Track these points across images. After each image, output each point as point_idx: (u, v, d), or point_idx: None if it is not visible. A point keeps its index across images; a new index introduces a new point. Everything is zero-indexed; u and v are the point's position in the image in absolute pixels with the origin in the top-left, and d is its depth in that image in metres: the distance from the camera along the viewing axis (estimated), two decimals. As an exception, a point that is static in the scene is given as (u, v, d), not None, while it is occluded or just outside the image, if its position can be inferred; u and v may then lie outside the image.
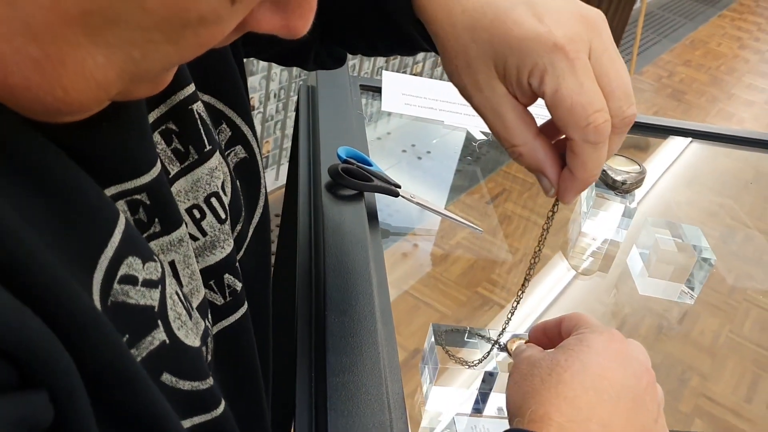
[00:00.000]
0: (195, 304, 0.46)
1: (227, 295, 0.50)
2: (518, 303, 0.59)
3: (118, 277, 0.36)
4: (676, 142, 1.31)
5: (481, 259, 1.48)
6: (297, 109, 0.98)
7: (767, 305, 1.23)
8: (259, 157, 0.57)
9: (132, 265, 0.37)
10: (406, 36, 0.58)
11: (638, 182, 0.94)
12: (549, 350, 0.53)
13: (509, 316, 0.60)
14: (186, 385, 0.41)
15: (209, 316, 0.48)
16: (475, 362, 0.63)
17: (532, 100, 0.48)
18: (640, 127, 1.25)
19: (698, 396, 1.02)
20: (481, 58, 0.48)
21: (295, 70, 2.37)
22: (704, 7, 5.80)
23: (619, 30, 3.61)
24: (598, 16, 0.47)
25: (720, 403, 1.16)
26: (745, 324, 1.23)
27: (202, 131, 0.48)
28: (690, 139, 1.31)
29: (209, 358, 0.47)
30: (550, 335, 0.57)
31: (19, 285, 0.29)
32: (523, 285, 0.58)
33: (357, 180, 0.77)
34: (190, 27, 0.31)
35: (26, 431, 0.29)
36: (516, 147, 0.49)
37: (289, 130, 2.50)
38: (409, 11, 0.53)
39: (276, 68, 2.28)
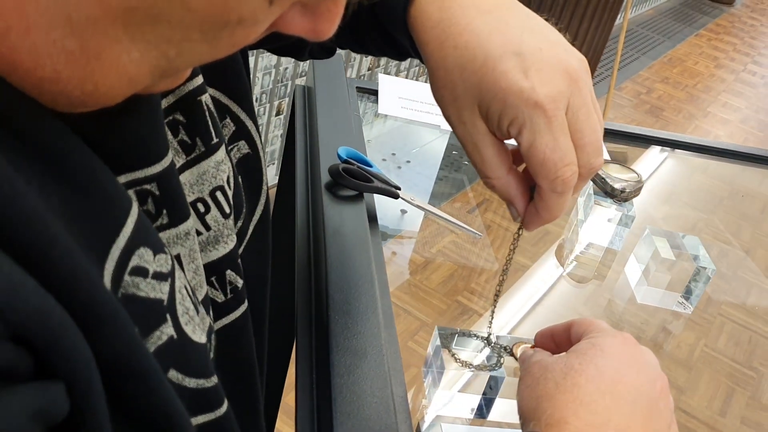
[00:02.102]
0: (198, 300, 0.44)
1: (228, 291, 0.49)
2: (493, 314, 0.62)
3: (129, 268, 0.35)
4: (654, 154, 1.32)
5: (461, 268, 1.48)
6: (292, 110, 0.97)
7: (741, 320, 1.25)
8: (261, 154, 0.56)
9: (143, 257, 0.36)
10: (397, 44, 0.59)
11: (636, 191, 0.94)
12: (560, 354, 0.52)
13: (489, 323, 0.62)
14: (192, 382, 0.40)
15: (211, 313, 0.47)
16: (481, 366, 0.62)
17: (508, 138, 0.51)
18: (622, 136, 1.26)
19: (674, 409, 1.02)
20: (468, 96, 0.50)
21: (278, 74, 2.36)
22: (682, 26, 5.90)
23: (600, 45, 3.64)
24: (581, 66, 0.50)
25: (695, 417, 1.16)
26: (719, 338, 1.24)
27: (210, 123, 0.47)
28: (666, 154, 1.32)
29: (211, 355, 0.46)
30: (558, 340, 0.57)
31: (42, 270, 0.28)
32: (495, 299, 0.61)
33: (357, 180, 0.76)
34: (229, 27, 0.31)
35: (42, 423, 0.28)
36: (490, 179, 0.53)
37: (271, 135, 2.49)
38: (403, 27, 0.54)
39: (259, 72, 2.27)
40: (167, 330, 0.38)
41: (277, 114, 2.46)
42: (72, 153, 0.33)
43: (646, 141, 1.30)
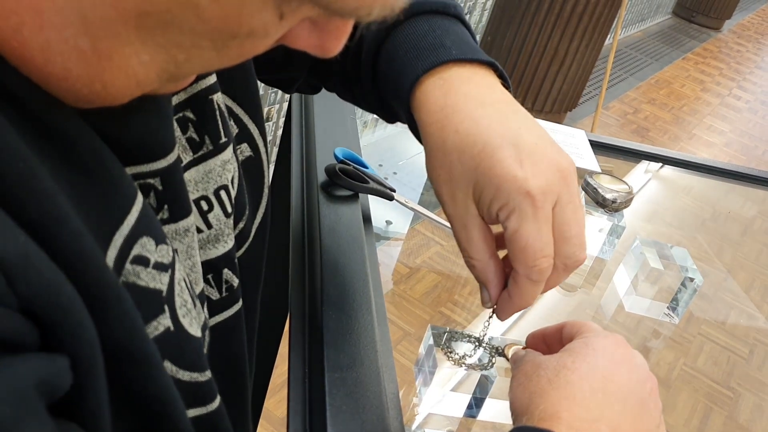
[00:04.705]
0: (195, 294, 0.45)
1: (224, 290, 0.50)
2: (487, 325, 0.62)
3: (131, 256, 0.36)
4: (640, 172, 1.33)
5: (445, 279, 1.49)
6: (289, 110, 0.97)
7: (721, 340, 1.26)
8: (264, 157, 0.56)
9: (145, 246, 0.37)
10: (391, 111, 0.62)
11: (627, 201, 0.95)
12: (553, 354, 0.53)
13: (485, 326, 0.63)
14: (185, 375, 0.40)
15: (205, 310, 0.47)
16: (473, 365, 0.63)
17: (495, 223, 0.53)
18: (611, 150, 1.27)
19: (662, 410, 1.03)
20: (463, 178, 0.52)
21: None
22: (670, 49, 5.96)
23: (589, 64, 3.68)
24: (570, 166, 0.52)
25: (673, 434, 1.17)
26: (699, 358, 1.26)
27: (219, 122, 0.48)
28: (651, 174, 1.33)
29: (205, 351, 0.46)
30: (549, 341, 0.57)
31: (51, 249, 0.29)
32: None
33: (353, 181, 0.77)
34: (239, 38, 0.32)
35: (45, 394, 0.28)
36: (472, 259, 0.55)
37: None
38: (407, 105, 0.56)
39: (252, 77, 2.27)
40: (164, 321, 0.38)
41: (266, 120, 2.47)
42: (81, 139, 0.34)
43: (635, 155, 1.31)
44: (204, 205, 0.47)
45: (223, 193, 0.49)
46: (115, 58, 0.31)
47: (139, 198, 0.37)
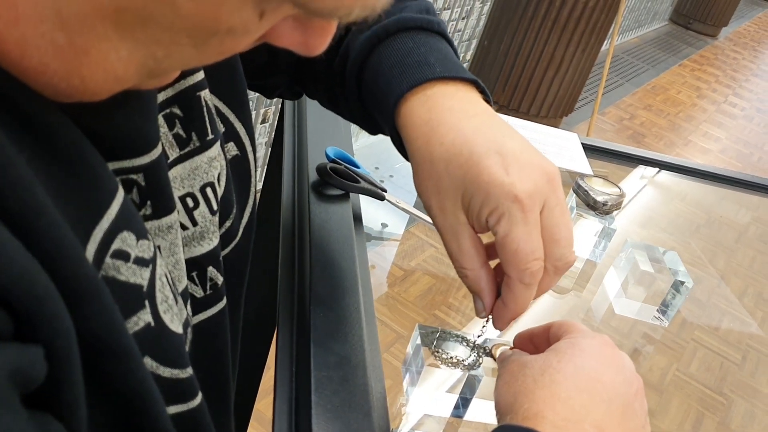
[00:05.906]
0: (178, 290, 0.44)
1: (208, 288, 0.50)
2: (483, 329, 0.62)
3: (111, 251, 0.36)
4: (635, 178, 1.34)
5: (439, 282, 1.49)
6: (281, 110, 0.97)
7: (713, 346, 1.26)
8: (251, 156, 0.56)
9: (126, 240, 0.36)
10: (374, 123, 0.63)
11: (618, 204, 0.95)
12: (539, 354, 0.53)
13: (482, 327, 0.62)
14: (166, 371, 0.40)
15: (189, 308, 0.47)
16: (460, 365, 0.63)
17: (485, 231, 0.54)
18: (606, 154, 1.28)
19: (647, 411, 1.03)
20: (452, 188, 0.53)
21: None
22: (666, 56, 5.98)
23: (585, 70, 3.69)
24: (554, 171, 0.54)
25: (665, 440, 1.17)
26: (691, 364, 1.26)
27: (206, 119, 0.48)
28: (646, 180, 1.33)
29: (186, 349, 0.46)
30: (536, 342, 0.57)
31: (27, 240, 0.28)
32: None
33: (344, 180, 0.77)
34: (218, 36, 0.32)
35: (19, 385, 0.27)
36: (464, 269, 0.55)
37: (256, 142, 2.49)
38: (391, 121, 0.57)
39: (248, 79, 2.27)
40: (145, 316, 0.38)
41: (263, 122, 2.46)
42: (61, 132, 0.34)
43: (630, 160, 1.31)
44: (189, 202, 0.47)
45: (209, 191, 0.48)
46: (93, 54, 0.31)
47: (120, 192, 0.36)
